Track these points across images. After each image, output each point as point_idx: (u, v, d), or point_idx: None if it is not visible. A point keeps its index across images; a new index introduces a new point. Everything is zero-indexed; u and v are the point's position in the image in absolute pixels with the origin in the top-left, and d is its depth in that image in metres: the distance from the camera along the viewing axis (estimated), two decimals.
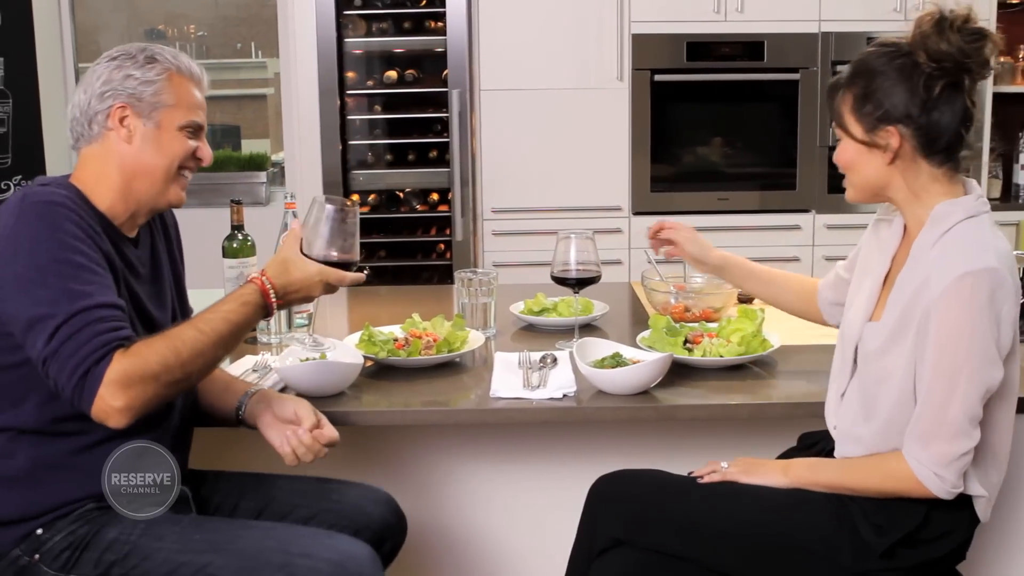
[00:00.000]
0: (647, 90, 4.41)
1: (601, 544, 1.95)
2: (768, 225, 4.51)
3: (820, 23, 4.37)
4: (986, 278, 1.69)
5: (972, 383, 1.71)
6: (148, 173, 1.88)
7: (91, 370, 1.63)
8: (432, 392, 2.22)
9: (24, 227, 1.70)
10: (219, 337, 1.77)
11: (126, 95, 1.85)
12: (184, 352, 1.71)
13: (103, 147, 1.87)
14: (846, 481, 1.85)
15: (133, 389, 1.65)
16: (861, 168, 1.86)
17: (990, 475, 1.83)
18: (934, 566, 1.85)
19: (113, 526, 1.78)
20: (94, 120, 1.86)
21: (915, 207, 1.86)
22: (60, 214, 1.72)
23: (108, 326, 1.67)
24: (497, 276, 2.65)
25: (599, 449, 2.39)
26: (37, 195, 1.75)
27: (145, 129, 1.86)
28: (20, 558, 1.76)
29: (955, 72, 1.77)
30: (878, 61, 1.82)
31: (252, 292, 1.85)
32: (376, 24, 4.52)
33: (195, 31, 5.55)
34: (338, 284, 1.93)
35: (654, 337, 2.40)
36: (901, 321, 1.78)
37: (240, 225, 2.61)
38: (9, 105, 4.67)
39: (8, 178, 4.69)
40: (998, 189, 4.81)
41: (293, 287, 1.89)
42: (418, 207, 4.63)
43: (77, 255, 1.70)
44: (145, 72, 1.86)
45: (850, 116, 1.84)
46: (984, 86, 4.44)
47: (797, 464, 1.93)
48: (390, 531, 2.06)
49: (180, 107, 1.88)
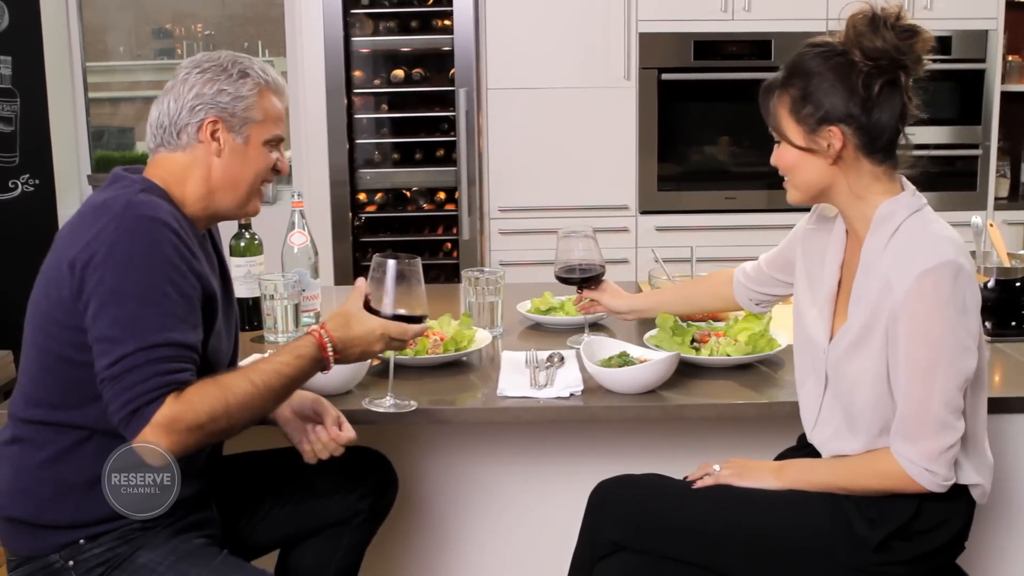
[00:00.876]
0: (654, 89, 4.41)
1: (602, 550, 1.95)
2: (775, 224, 4.47)
3: (827, 22, 4.36)
4: (946, 271, 1.70)
5: (949, 376, 1.72)
6: (234, 186, 1.89)
7: (140, 409, 1.63)
8: (439, 391, 2.22)
9: (124, 238, 1.69)
10: (270, 391, 1.75)
11: (219, 109, 1.85)
12: (233, 404, 1.70)
13: (191, 157, 1.87)
14: (839, 482, 1.86)
15: (177, 436, 1.64)
16: (802, 171, 1.86)
17: (981, 460, 1.83)
18: (931, 559, 1.85)
19: (147, 551, 1.78)
20: (184, 131, 1.86)
21: (858, 207, 1.86)
22: (161, 236, 1.71)
23: (169, 367, 1.66)
24: (504, 275, 2.65)
25: (605, 449, 2.39)
26: (141, 207, 1.73)
27: (235, 144, 1.87)
28: (56, 562, 1.77)
29: (891, 69, 1.78)
30: (813, 62, 1.82)
31: (309, 345, 1.82)
32: (383, 23, 4.52)
33: (202, 30, 5.56)
34: (400, 338, 1.89)
35: (661, 336, 2.40)
36: (866, 327, 1.79)
37: (247, 224, 2.62)
38: (17, 104, 4.68)
39: (16, 176, 4.71)
40: (1006, 188, 4.79)
41: (353, 342, 1.85)
42: (425, 206, 4.64)
43: (166, 283, 1.69)
44: (238, 88, 1.86)
45: (788, 119, 1.84)
46: (992, 84, 4.43)
47: (790, 466, 1.93)
48: (388, 480, 2.18)
49: (267, 122, 1.90)
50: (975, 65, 4.44)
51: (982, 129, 4.47)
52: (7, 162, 4.70)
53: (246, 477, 2.10)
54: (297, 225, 2.64)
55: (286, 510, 2.08)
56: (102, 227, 1.70)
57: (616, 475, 2.03)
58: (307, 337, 1.83)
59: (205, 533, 1.88)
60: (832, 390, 1.90)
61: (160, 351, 1.66)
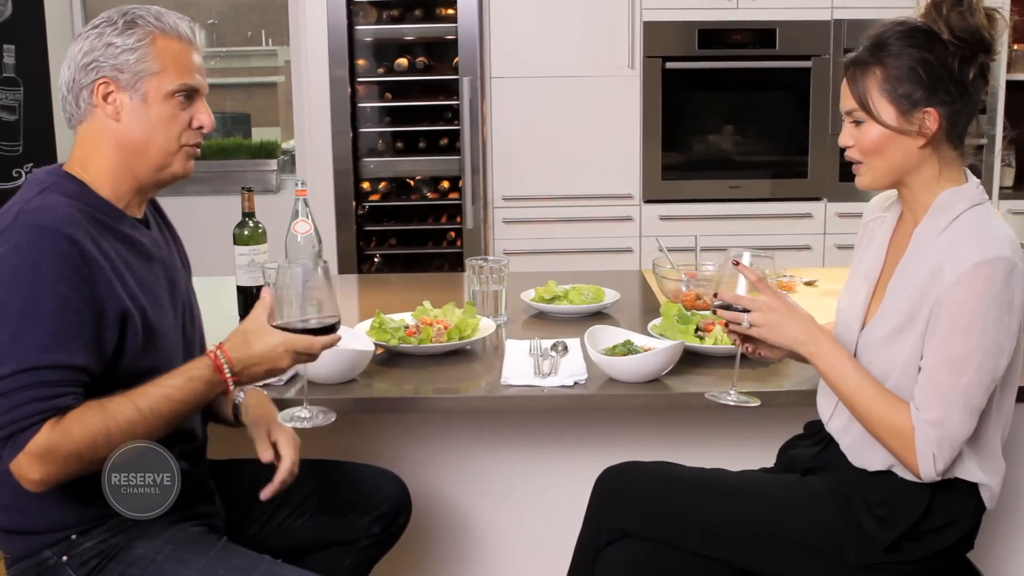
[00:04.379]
0: (658, 78, 4.40)
1: (607, 536, 1.94)
2: (779, 213, 4.49)
3: (832, 10, 4.35)
4: (1001, 267, 1.67)
5: (979, 372, 1.70)
6: (142, 150, 1.75)
7: (15, 436, 1.55)
8: (443, 379, 2.22)
9: (11, 252, 1.59)
10: (157, 418, 1.64)
11: (108, 67, 1.70)
12: (115, 433, 1.60)
13: (93, 125, 1.74)
14: (852, 401, 1.78)
15: (52, 465, 1.56)
16: (888, 152, 1.79)
17: (992, 462, 1.81)
18: (940, 558, 1.83)
19: (144, 540, 1.75)
20: (80, 97, 1.73)
21: (924, 193, 1.82)
22: (51, 248, 1.59)
23: (49, 392, 1.57)
24: (508, 263, 2.64)
25: (609, 437, 2.39)
26: (32, 215, 1.62)
27: (132, 103, 1.72)
28: (49, 559, 1.72)
29: (978, 53, 1.76)
30: (908, 41, 1.76)
31: (203, 367, 1.69)
32: (387, 11, 4.51)
33: (206, 19, 5.55)
34: (307, 351, 1.75)
35: (665, 325, 2.39)
36: (910, 313, 1.76)
37: (251, 212, 2.62)
38: (20, 93, 4.68)
39: (20, 165, 4.71)
40: (1011, 177, 4.78)
41: (253, 360, 1.71)
42: (429, 195, 4.63)
43: (52, 299, 1.58)
44: (125, 39, 1.71)
45: (881, 98, 1.77)
46: (997, 74, 4.41)
47: (819, 345, 1.81)
48: (403, 506, 2.10)
49: (167, 72, 1.73)
50: None
51: (987, 118, 4.46)
52: (11, 151, 4.70)
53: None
54: (301, 213, 2.64)
55: (299, 523, 2.04)
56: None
57: (623, 462, 2.03)
58: (202, 358, 1.71)
59: (203, 522, 1.85)
60: None
61: (40, 374, 1.56)
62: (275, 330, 1.73)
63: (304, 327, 1.75)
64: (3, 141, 4.67)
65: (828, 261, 4.43)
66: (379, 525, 2.06)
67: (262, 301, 1.76)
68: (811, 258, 4.45)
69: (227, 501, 1.98)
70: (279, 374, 1.78)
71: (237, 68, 5.74)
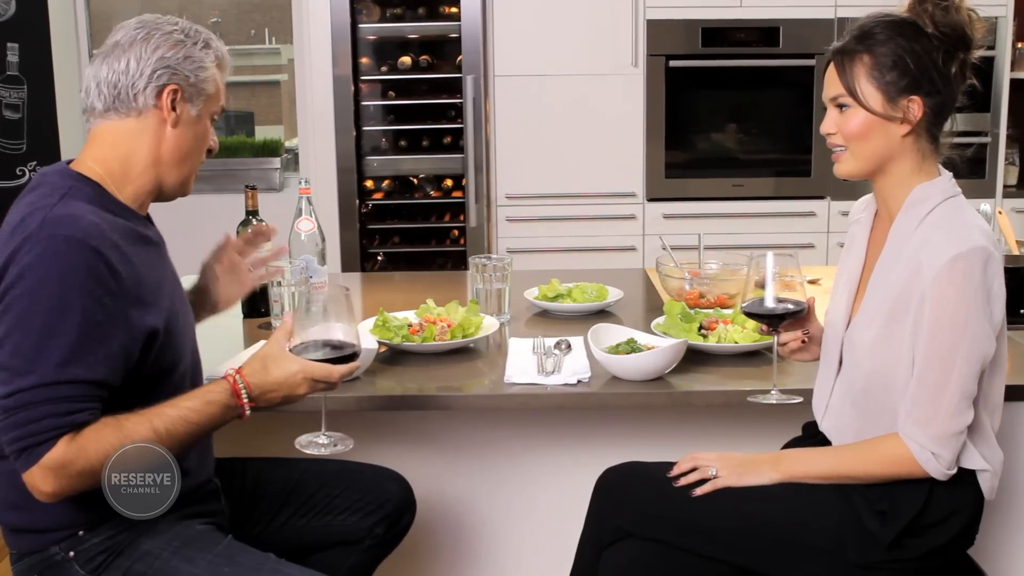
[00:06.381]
0: (662, 76, 4.40)
1: (608, 536, 1.95)
2: (783, 212, 4.49)
3: (836, 8, 4.35)
4: (977, 257, 1.70)
5: (968, 362, 1.72)
6: (181, 161, 1.79)
7: (31, 449, 1.57)
8: (446, 377, 2.22)
9: (36, 262, 1.59)
10: (173, 439, 1.65)
11: (181, 77, 1.74)
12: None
13: (141, 124, 1.75)
14: (841, 470, 1.84)
15: (66, 480, 1.58)
16: (871, 139, 1.81)
17: (989, 447, 1.82)
18: (942, 554, 1.83)
19: (151, 537, 1.75)
20: (140, 93, 1.73)
21: (901, 186, 1.84)
22: (77, 259, 1.59)
23: (66, 408, 1.58)
24: (511, 262, 2.64)
25: (612, 436, 2.39)
26: (58, 225, 1.61)
27: (190, 116, 1.77)
28: (56, 554, 1.73)
29: (960, 48, 1.80)
30: (895, 30, 1.79)
31: (221, 391, 1.71)
32: (390, 10, 4.51)
33: (209, 18, 5.55)
34: (325, 380, 1.75)
35: (669, 323, 2.39)
36: (892, 309, 1.78)
37: (254, 211, 2.62)
38: (24, 91, 4.68)
39: (23, 163, 4.71)
40: (1015, 176, 4.78)
41: (270, 386, 1.73)
42: (432, 193, 4.63)
43: (78, 313, 1.58)
44: (203, 56, 1.77)
45: (868, 83, 1.79)
46: (1001, 72, 4.41)
47: (788, 457, 1.91)
48: (407, 506, 2.11)
49: (218, 97, 1.82)
50: (984, 52, 4.40)
51: (991, 117, 4.46)
52: (14, 149, 4.70)
53: (269, 483, 2.06)
54: (304, 212, 2.64)
55: (303, 522, 2.05)
56: (17, 247, 1.61)
57: (623, 462, 2.03)
58: (221, 382, 1.72)
59: (209, 520, 1.86)
60: (844, 376, 1.89)
61: (59, 389, 1.57)
62: (294, 356, 1.74)
63: (323, 356, 1.75)
64: (7, 139, 4.68)
65: (831, 259, 4.43)
66: (383, 526, 2.07)
67: (283, 326, 1.78)
68: (814, 256, 4.45)
69: (232, 500, 1.99)
70: (296, 400, 1.78)
71: (240, 66, 5.73)
